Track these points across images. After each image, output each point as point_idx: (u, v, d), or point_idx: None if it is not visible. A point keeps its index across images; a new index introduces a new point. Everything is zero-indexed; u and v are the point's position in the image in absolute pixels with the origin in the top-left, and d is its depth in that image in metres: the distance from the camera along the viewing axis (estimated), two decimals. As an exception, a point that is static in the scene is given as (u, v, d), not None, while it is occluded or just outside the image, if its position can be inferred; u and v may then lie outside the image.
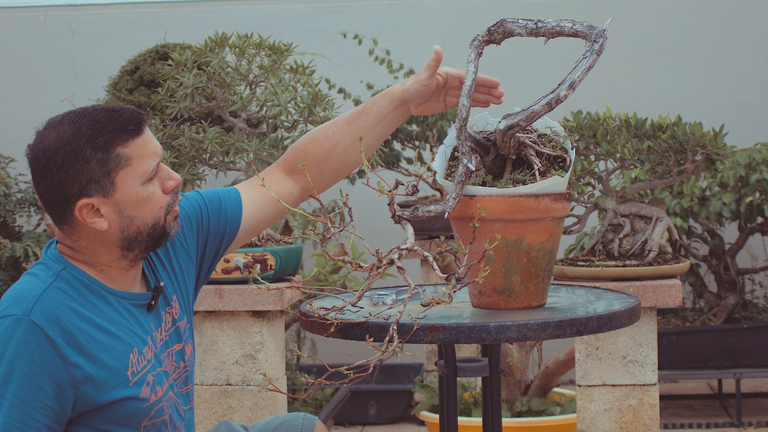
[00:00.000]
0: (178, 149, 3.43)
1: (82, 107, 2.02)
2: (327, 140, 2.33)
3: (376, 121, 2.33)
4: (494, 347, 2.32)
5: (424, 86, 2.30)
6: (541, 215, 2.22)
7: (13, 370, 1.90)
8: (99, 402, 1.96)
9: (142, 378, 2.02)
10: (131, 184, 2.00)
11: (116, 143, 1.98)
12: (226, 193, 2.29)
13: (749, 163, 4.89)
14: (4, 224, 4.93)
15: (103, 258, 2.04)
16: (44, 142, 1.98)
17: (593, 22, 2.32)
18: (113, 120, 1.98)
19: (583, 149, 3.28)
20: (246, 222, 2.29)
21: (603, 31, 2.21)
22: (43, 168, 1.98)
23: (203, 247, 2.26)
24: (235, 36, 3.40)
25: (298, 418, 2.33)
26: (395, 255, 2.04)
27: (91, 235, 2.02)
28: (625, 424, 3.28)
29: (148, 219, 2.03)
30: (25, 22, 6.47)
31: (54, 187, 1.98)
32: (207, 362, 3.41)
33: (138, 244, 2.04)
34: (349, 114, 2.36)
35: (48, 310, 1.93)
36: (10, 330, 1.91)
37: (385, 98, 2.34)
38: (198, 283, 2.28)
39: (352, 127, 2.34)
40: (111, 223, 2.00)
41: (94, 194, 1.98)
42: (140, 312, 2.08)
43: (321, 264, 4.57)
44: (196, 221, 2.24)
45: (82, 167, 1.96)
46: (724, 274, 5.32)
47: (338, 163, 2.34)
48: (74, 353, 1.93)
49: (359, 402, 5.21)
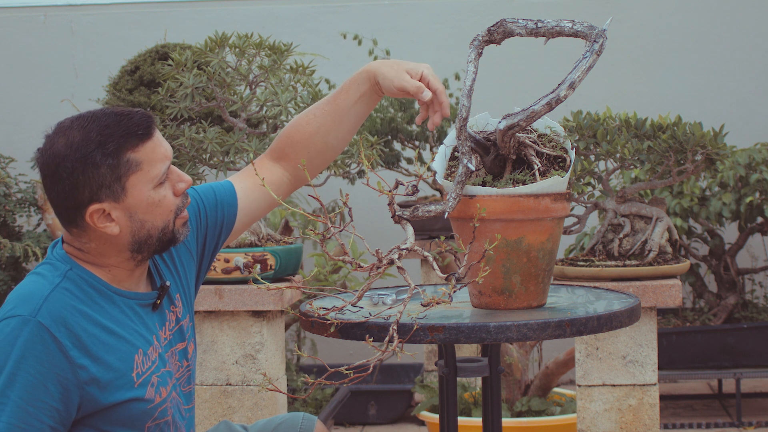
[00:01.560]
0: (178, 149, 3.43)
1: (91, 111, 2.01)
2: (309, 123, 2.32)
3: (356, 99, 2.31)
4: (494, 347, 2.32)
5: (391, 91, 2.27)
6: (541, 215, 2.22)
7: (19, 371, 1.89)
8: (104, 403, 1.96)
9: (146, 379, 2.02)
10: (142, 188, 1.99)
11: (126, 148, 1.97)
12: (220, 186, 2.29)
13: (749, 163, 4.89)
14: (4, 224, 4.94)
15: (111, 260, 2.04)
16: (54, 148, 1.97)
17: (593, 22, 2.32)
18: (123, 125, 1.97)
19: (583, 149, 3.28)
20: (242, 213, 2.29)
21: (603, 31, 2.21)
22: (54, 174, 1.97)
23: (203, 242, 2.26)
24: (235, 36, 3.40)
25: (297, 417, 2.33)
26: (395, 255, 2.04)
27: (101, 239, 2.01)
28: (625, 424, 3.28)
29: (158, 222, 2.03)
30: (25, 22, 6.47)
31: (65, 192, 1.97)
32: (207, 362, 3.41)
33: (147, 247, 2.04)
34: (329, 95, 2.34)
35: (55, 311, 1.92)
36: (17, 331, 1.90)
37: (361, 75, 2.31)
38: (198, 279, 2.28)
39: (332, 106, 2.32)
40: (122, 228, 2.00)
41: (105, 200, 1.97)
42: (145, 311, 2.09)
43: (321, 264, 4.57)
44: (194, 217, 2.24)
45: (93, 173, 1.95)
46: (724, 274, 5.32)
47: (323, 144, 2.32)
48: (80, 355, 1.93)
49: (359, 402, 5.21)
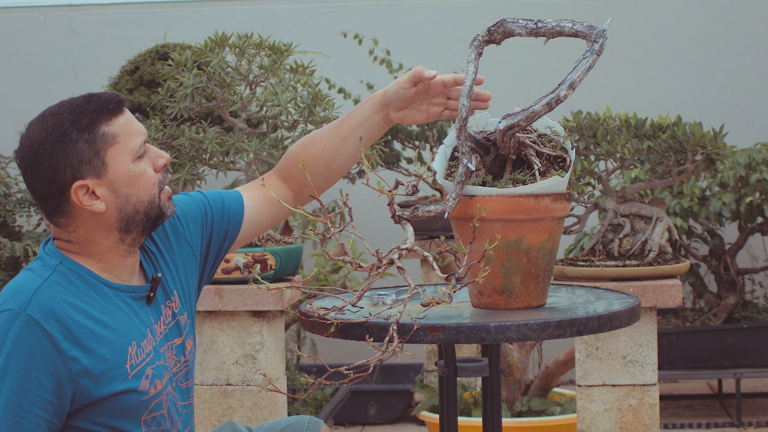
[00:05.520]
0: (178, 149, 3.43)
1: (60, 101, 2.07)
2: (315, 146, 2.36)
3: (359, 124, 2.35)
4: (494, 347, 2.32)
5: (403, 89, 2.31)
6: (541, 215, 2.22)
7: (10, 364, 1.91)
8: (98, 395, 1.97)
9: (141, 371, 2.03)
10: (122, 161, 2.02)
11: (100, 122, 2.01)
12: (229, 194, 2.33)
13: (749, 163, 4.89)
14: (4, 224, 4.93)
15: (101, 245, 2.05)
16: (30, 138, 2.02)
17: (593, 22, 2.32)
18: (92, 102, 2.03)
19: (583, 149, 3.28)
20: (247, 222, 2.32)
21: (603, 31, 2.21)
22: (34, 161, 2.01)
23: (207, 245, 2.28)
24: (235, 36, 3.41)
25: (303, 421, 2.33)
26: (395, 255, 2.04)
27: (89, 222, 2.03)
28: (625, 424, 3.28)
29: (143, 196, 2.05)
30: (25, 22, 6.47)
31: (47, 177, 2.00)
32: (207, 362, 3.41)
33: (135, 225, 2.06)
34: (336, 120, 2.40)
35: (45, 304, 1.94)
36: (7, 325, 1.92)
37: (368, 102, 2.37)
38: (201, 281, 2.30)
39: (337, 131, 2.36)
40: (108, 204, 2.02)
41: (87, 176, 2.00)
42: (139, 305, 2.09)
43: (321, 264, 4.57)
44: (200, 218, 2.26)
45: (72, 150, 1.99)
46: (724, 274, 5.32)
47: (326, 168, 2.36)
48: (72, 347, 1.94)
49: (359, 402, 5.21)
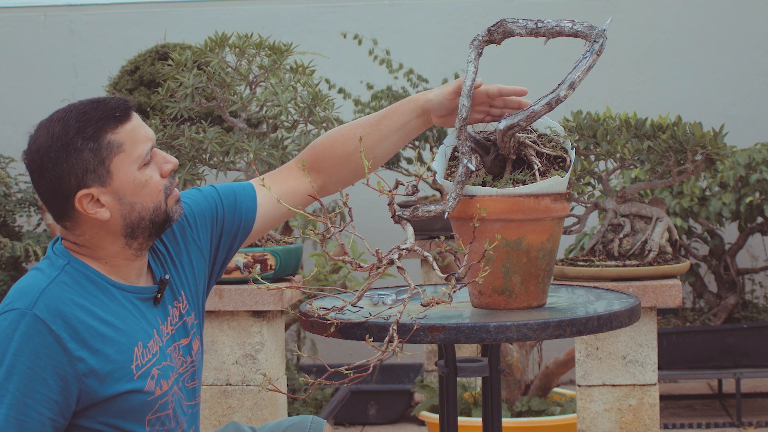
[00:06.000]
0: (178, 149, 3.43)
1: (70, 103, 2.05)
2: (350, 141, 2.35)
3: (398, 126, 2.35)
4: (494, 347, 2.32)
5: (447, 100, 2.31)
6: (541, 215, 2.22)
7: (17, 363, 1.91)
8: (103, 395, 1.97)
9: (147, 371, 2.03)
10: (127, 170, 2.02)
11: (105, 131, 2.00)
12: (242, 188, 2.30)
13: (749, 163, 4.89)
14: (4, 224, 4.94)
15: (107, 250, 2.05)
16: (37, 143, 2.01)
17: (593, 22, 2.32)
18: (99, 109, 2.01)
19: (583, 149, 3.28)
20: (260, 218, 2.30)
21: (603, 31, 2.21)
22: (39, 167, 2.00)
23: (217, 244, 2.27)
24: (235, 36, 3.40)
25: (306, 421, 2.32)
26: (395, 255, 2.04)
27: (94, 228, 2.03)
28: (625, 424, 3.28)
29: (148, 204, 2.05)
30: (25, 22, 6.47)
31: (52, 184, 2.00)
32: (207, 362, 3.41)
33: (141, 231, 2.05)
34: (372, 117, 2.37)
35: (51, 304, 1.94)
36: (14, 324, 1.92)
37: (408, 105, 2.35)
38: (210, 281, 2.29)
39: (374, 130, 2.35)
40: (112, 212, 2.02)
41: (92, 184, 2.00)
42: (146, 306, 2.09)
43: (321, 264, 4.57)
44: (210, 217, 2.25)
45: (76, 159, 1.98)
46: (724, 274, 5.32)
47: (357, 164, 2.35)
48: (78, 347, 1.95)
49: (359, 402, 5.21)
